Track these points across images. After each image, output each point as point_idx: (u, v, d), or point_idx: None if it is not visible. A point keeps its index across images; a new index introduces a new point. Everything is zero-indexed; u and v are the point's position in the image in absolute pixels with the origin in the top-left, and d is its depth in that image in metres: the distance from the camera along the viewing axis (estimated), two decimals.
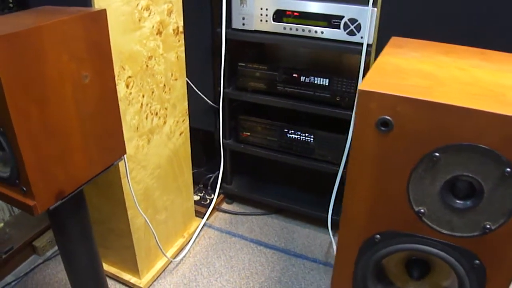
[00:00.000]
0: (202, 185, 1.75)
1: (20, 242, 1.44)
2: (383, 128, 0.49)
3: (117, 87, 0.96)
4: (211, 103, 1.57)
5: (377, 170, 0.52)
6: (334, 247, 1.38)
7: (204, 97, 1.55)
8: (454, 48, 0.63)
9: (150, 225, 1.27)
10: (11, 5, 1.27)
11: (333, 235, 1.49)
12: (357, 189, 0.54)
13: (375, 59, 0.83)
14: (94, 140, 0.88)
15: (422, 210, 0.52)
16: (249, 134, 1.56)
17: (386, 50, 0.61)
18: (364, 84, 0.49)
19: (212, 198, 1.70)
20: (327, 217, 1.49)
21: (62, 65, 0.78)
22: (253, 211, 1.74)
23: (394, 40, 0.67)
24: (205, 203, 1.69)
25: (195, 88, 1.52)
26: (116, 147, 0.95)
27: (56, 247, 1.54)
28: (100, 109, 0.89)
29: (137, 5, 1.09)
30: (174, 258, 1.47)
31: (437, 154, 0.49)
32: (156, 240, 1.33)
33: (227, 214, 1.73)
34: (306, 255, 1.52)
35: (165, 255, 1.38)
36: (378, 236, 0.57)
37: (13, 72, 0.69)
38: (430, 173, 0.50)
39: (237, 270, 1.46)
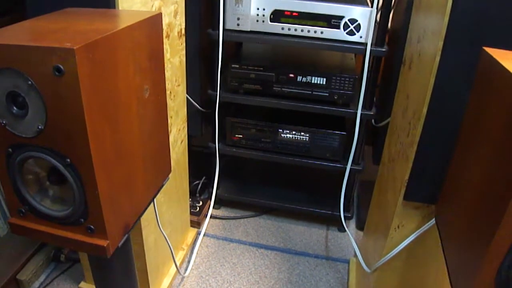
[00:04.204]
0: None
1: (5, 278, 1.20)
2: None
3: None
4: (199, 107, 1.49)
5: None
6: (354, 243, 1.40)
7: (193, 101, 1.46)
8: None
9: (168, 241, 1.16)
10: None
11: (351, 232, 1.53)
12: None
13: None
14: (150, 160, 0.78)
15: None
16: (241, 136, 1.52)
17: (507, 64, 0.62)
18: None
19: (202, 205, 1.63)
20: (339, 214, 1.54)
21: (129, 78, 0.68)
22: (243, 214, 1.71)
23: (494, 52, 0.68)
24: (195, 211, 1.60)
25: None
26: (164, 166, 0.86)
27: (43, 277, 1.33)
28: (155, 126, 0.79)
29: (152, 6, 0.98)
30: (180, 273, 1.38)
31: None
32: (173, 257, 1.23)
33: (217, 220, 1.67)
34: (307, 252, 1.55)
35: (179, 271, 1.28)
36: None
37: (91, 87, 0.57)
38: None
39: (245, 276, 1.42)
